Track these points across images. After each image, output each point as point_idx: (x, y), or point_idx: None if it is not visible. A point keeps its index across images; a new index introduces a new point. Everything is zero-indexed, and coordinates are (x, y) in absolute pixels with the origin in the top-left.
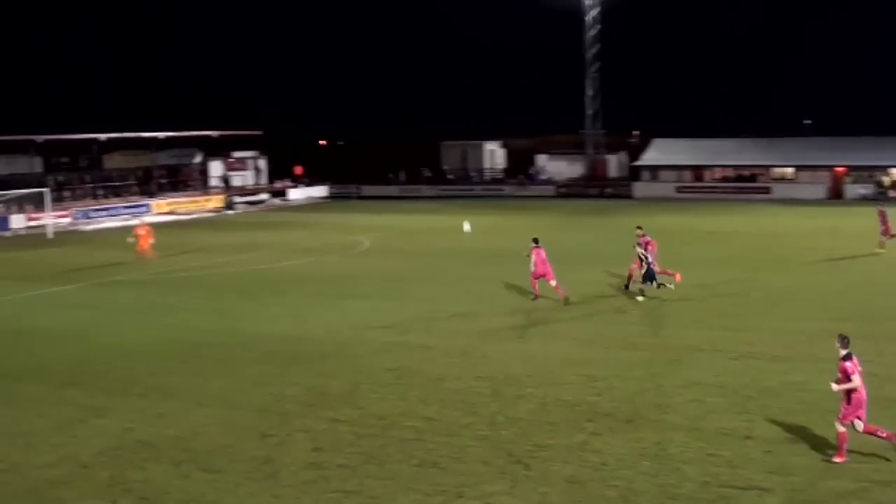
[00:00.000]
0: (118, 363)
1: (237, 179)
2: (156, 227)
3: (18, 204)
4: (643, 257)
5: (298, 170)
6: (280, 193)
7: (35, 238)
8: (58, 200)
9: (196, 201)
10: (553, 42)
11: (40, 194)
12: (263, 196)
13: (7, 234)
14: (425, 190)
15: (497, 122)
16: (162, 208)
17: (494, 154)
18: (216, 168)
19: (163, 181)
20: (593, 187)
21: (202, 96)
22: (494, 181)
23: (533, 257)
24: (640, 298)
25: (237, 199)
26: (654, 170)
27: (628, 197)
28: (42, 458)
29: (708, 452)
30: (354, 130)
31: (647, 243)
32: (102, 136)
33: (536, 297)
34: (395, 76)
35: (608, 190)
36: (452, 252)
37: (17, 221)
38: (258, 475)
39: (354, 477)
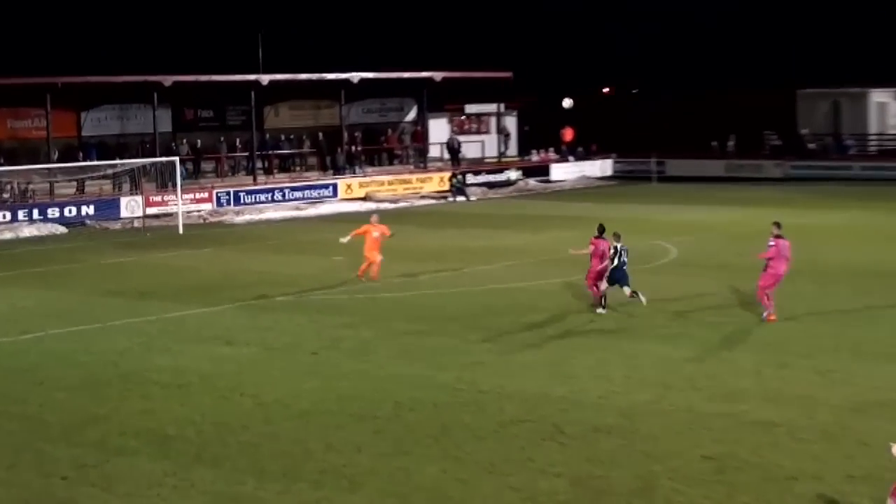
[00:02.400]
0: (278, 431)
1: (471, 148)
2: (342, 220)
3: (133, 180)
4: (618, 251)
5: (568, 134)
6: (538, 171)
7: (158, 233)
8: (194, 176)
9: (407, 181)
10: None
11: (168, 166)
12: (512, 174)
13: (116, 225)
14: (769, 167)
15: (892, 59)
16: (353, 191)
17: (886, 110)
18: (439, 130)
19: (356, 149)
20: None
21: (418, 21)
22: (885, 154)
23: (589, 250)
24: (600, 311)
25: (471, 178)
26: None
27: None
28: None
29: None
30: (655, 73)
31: (777, 246)
32: (264, 78)
33: (600, 304)
34: None
35: None
36: (809, 269)
37: (131, 206)
38: None
39: None
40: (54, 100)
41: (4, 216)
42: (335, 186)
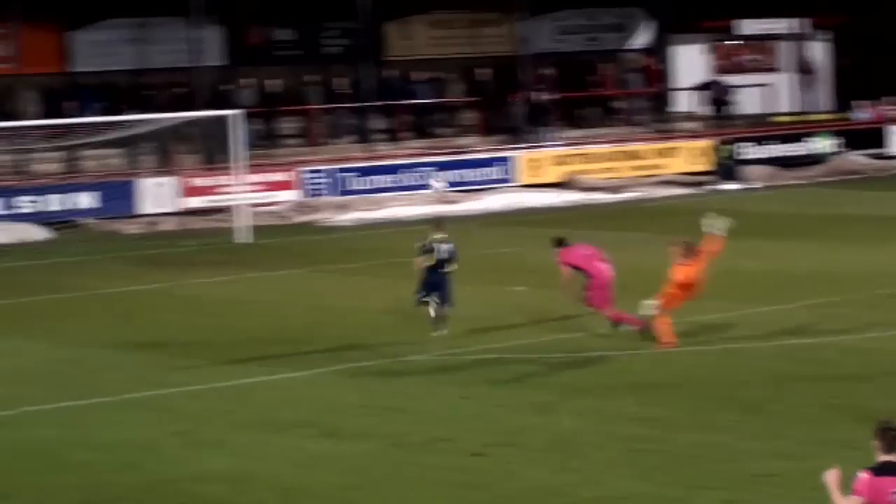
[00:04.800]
0: None
1: (748, 97)
2: (525, 221)
3: (160, 149)
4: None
5: None
6: (868, 137)
7: (204, 241)
8: (265, 143)
9: (635, 156)
10: None
11: (219, 127)
12: (821, 144)
13: (131, 226)
14: None
15: None
16: (540, 172)
17: None
18: (691, 64)
19: (544, 98)
20: None
21: None
22: None
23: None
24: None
25: (748, 150)
26: None
27: None
28: None
29: None
30: None
31: None
32: None
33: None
34: None
35: None
36: None
37: (158, 195)
38: None
39: None
40: (26, 9)
41: None
42: (510, 162)
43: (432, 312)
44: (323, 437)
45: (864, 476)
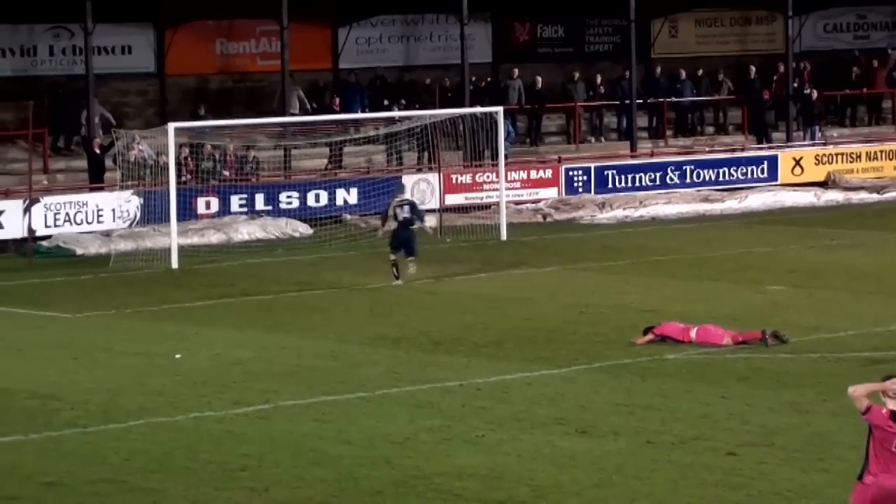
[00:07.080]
0: None
1: None
2: (784, 220)
3: (423, 146)
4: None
5: None
6: None
7: (465, 238)
8: (528, 140)
9: None
10: None
11: (482, 123)
12: None
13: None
14: None
15: None
16: (803, 171)
17: None
18: None
19: (811, 95)
20: None
21: None
22: None
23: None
24: (396, 283)
25: None
26: None
27: None
28: None
29: None
30: None
31: None
32: None
33: None
34: None
35: None
36: None
37: (420, 191)
38: None
39: None
40: (295, 6)
41: (208, 205)
42: (773, 161)
43: (396, 271)
44: (577, 434)
45: (883, 412)
